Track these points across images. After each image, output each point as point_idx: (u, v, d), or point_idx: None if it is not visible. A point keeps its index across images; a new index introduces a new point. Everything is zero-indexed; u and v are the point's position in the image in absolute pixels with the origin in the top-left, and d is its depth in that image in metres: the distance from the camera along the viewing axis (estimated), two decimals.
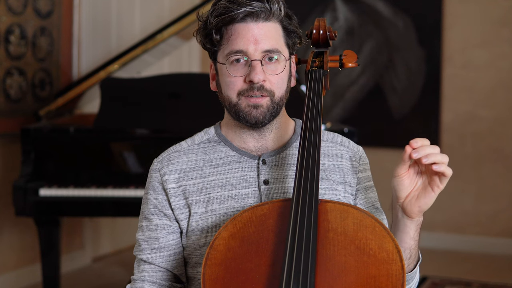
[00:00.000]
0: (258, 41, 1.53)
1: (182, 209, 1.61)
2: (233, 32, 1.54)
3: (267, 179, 1.61)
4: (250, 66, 1.53)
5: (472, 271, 4.55)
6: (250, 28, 1.53)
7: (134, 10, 5.05)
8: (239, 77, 1.55)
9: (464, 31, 5.09)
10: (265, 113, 1.56)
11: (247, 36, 1.53)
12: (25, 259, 4.22)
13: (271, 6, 1.53)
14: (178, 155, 1.65)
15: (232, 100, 1.56)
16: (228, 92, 1.57)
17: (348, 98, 5.38)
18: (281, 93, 1.58)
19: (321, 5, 5.42)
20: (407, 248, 1.52)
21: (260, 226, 1.44)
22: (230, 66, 1.55)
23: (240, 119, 1.57)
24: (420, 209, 1.49)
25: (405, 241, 1.51)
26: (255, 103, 1.54)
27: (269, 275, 1.38)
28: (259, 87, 1.53)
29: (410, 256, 1.53)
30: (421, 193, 1.49)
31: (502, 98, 5.00)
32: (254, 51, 1.53)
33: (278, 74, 1.56)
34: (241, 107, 1.56)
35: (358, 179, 1.65)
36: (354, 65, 1.67)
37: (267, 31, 1.54)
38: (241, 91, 1.55)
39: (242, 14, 1.52)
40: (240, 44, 1.53)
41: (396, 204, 1.52)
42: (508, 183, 4.99)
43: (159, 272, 1.62)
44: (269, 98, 1.55)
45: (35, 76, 4.24)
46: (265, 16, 1.54)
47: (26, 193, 3.33)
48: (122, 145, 3.49)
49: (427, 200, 1.48)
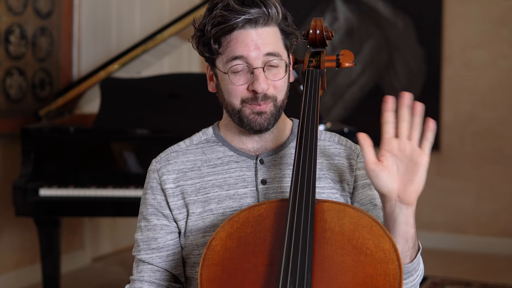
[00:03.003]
0: (259, 46, 1.51)
1: (180, 209, 1.62)
2: (232, 39, 1.52)
3: (265, 179, 1.61)
4: (252, 74, 1.52)
5: (472, 271, 4.55)
6: (249, 34, 1.51)
7: (134, 10, 5.05)
8: (242, 85, 1.53)
9: (464, 31, 5.09)
10: (269, 119, 1.56)
11: (247, 42, 1.51)
12: (25, 259, 4.22)
13: (269, 10, 1.51)
14: (176, 155, 1.65)
15: (235, 107, 1.56)
16: (231, 99, 1.56)
17: (348, 98, 5.38)
18: (283, 96, 1.58)
19: (321, 5, 5.42)
20: (410, 237, 1.46)
21: (257, 226, 1.44)
22: (232, 74, 1.53)
23: (244, 125, 1.57)
24: (417, 191, 1.43)
25: (406, 231, 1.45)
26: (259, 110, 1.54)
27: (266, 275, 1.38)
28: (262, 96, 1.53)
29: (413, 245, 1.48)
30: (410, 174, 1.42)
31: (502, 98, 5.00)
32: (255, 57, 1.51)
33: (281, 79, 1.55)
34: (245, 114, 1.55)
35: (356, 177, 1.65)
36: (351, 64, 1.66)
37: (267, 36, 1.53)
38: (245, 99, 1.54)
39: (241, 22, 1.50)
40: (240, 50, 1.51)
41: (390, 201, 1.44)
42: (508, 183, 4.99)
43: (158, 272, 1.63)
44: (273, 103, 1.55)
45: (35, 76, 4.25)
46: (263, 22, 1.52)
47: (26, 193, 3.33)
48: (122, 145, 3.50)
49: (419, 177, 1.42)
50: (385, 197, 1.45)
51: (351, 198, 1.64)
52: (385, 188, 1.43)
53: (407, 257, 1.48)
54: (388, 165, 1.43)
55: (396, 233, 1.45)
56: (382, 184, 1.43)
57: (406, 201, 1.44)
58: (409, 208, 1.44)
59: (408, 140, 1.43)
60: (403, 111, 1.43)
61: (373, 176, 1.43)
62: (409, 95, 1.43)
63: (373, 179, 1.43)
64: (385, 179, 1.43)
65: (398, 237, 1.45)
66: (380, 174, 1.42)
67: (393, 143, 1.43)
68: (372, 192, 1.65)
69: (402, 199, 1.44)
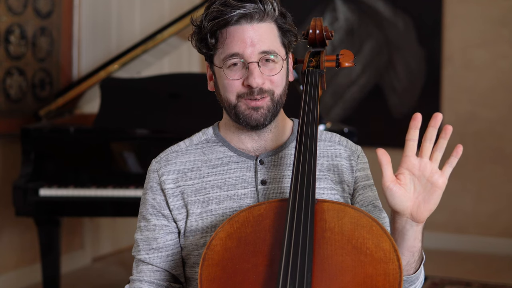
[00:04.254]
0: (254, 43, 1.52)
1: (180, 210, 1.62)
2: (228, 35, 1.53)
3: (265, 179, 1.61)
4: (247, 68, 1.53)
5: (472, 271, 4.55)
6: (245, 30, 1.52)
7: (134, 10, 5.05)
8: (237, 79, 1.54)
9: (464, 31, 5.09)
10: (266, 114, 1.55)
11: (243, 38, 1.52)
12: (25, 259, 4.22)
13: (264, 6, 1.52)
14: (176, 156, 1.65)
15: (231, 102, 1.56)
16: (226, 95, 1.56)
17: (348, 98, 5.38)
18: (281, 91, 1.57)
19: (321, 5, 5.42)
20: (416, 251, 1.48)
21: (257, 226, 1.44)
22: (227, 69, 1.54)
23: (240, 121, 1.57)
24: (431, 211, 1.44)
25: (414, 245, 1.47)
26: (255, 105, 1.54)
27: (266, 275, 1.38)
28: (258, 90, 1.53)
29: (418, 258, 1.50)
30: (426, 195, 1.44)
31: (502, 98, 5.00)
32: (250, 54, 1.52)
33: (276, 74, 1.55)
34: (241, 109, 1.55)
35: (356, 178, 1.65)
36: (350, 64, 1.66)
37: (263, 32, 1.53)
38: (240, 94, 1.55)
39: (236, 16, 1.51)
40: (236, 47, 1.52)
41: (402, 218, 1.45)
42: (508, 183, 4.99)
43: (158, 272, 1.63)
44: (270, 98, 1.55)
45: (35, 76, 4.25)
46: (259, 17, 1.53)
47: (26, 193, 3.33)
48: (122, 145, 3.50)
49: (435, 199, 1.43)
50: (398, 213, 1.45)
51: (351, 200, 1.64)
52: (399, 206, 1.43)
53: (412, 269, 1.50)
54: (405, 183, 1.43)
55: (403, 247, 1.46)
56: (396, 201, 1.43)
57: (418, 220, 1.45)
58: (419, 225, 1.46)
59: (430, 161, 1.43)
60: (430, 131, 1.43)
61: (389, 194, 1.43)
62: (441, 117, 1.42)
63: (389, 197, 1.43)
64: (401, 197, 1.43)
65: (405, 251, 1.47)
66: (398, 192, 1.42)
67: (414, 161, 1.43)
68: (373, 193, 1.65)
69: (415, 217, 1.44)
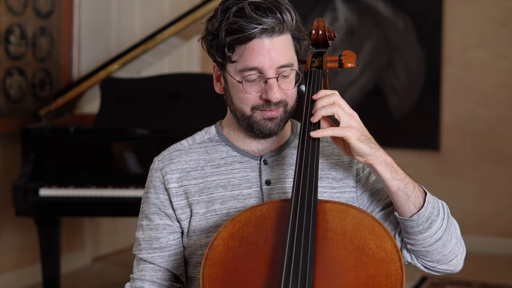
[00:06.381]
0: (273, 57, 1.50)
1: (183, 209, 1.61)
2: (247, 48, 1.50)
3: (269, 180, 1.61)
4: (266, 83, 1.52)
5: (472, 271, 4.55)
6: (264, 44, 1.50)
7: (134, 10, 5.05)
8: (255, 94, 1.53)
9: (464, 31, 5.09)
10: (279, 124, 1.56)
11: (262, 52, 1.50)
12: (25, 259, 4.22)
13: (283, 17, 1.50)
14: (179, 154, 1.65)
15: (245, 113, 1.56)
16: (241, 106, 1.56)
17: (348, 98, 5.38)
18: (293, 103, 1.58)
19: (321, 5, 5.42)
20: (395, 190, 1.49)
21: (259, 227, 1.44)
22: (245, 83, 1.52)
23: (254, 130, 1.57)
24: (357, 154, 1.48)
25: (389, 186, 1.49)
26: (270, 116, 1.55)
27: (268, 275, 1.38)
28: (275, 102, 1.53)
29: (407, 197, 1.50)
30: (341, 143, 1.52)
31: (502, 98, 5.00)
32: (269, 68, 1.50)
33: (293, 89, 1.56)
34: (256, 120, 1.55)
35: (357, 169, 1.65)
36: (353, 65, 1.66)
37: (281, 45, 1.52)
38: (256, 106, 1.54)
39: (258, 33, 1.48)
40: (254, 61, 1.50)
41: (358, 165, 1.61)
42: (508, 183, 4.99)
43: (159, 271, 1.63)
44: (283, 108, 1.55)
45: (35, 76, 4.25)
46: (279, 30, 1.50)
47: (26, 193, 3.33)
48: (122, 145, 3.50)
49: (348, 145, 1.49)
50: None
51: (355, 193, 1.64)
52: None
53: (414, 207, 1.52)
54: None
55: (389, 192, 1.51)
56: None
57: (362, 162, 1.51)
58: (377, 165, 1.49)
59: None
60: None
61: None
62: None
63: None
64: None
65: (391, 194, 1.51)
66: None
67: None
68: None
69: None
